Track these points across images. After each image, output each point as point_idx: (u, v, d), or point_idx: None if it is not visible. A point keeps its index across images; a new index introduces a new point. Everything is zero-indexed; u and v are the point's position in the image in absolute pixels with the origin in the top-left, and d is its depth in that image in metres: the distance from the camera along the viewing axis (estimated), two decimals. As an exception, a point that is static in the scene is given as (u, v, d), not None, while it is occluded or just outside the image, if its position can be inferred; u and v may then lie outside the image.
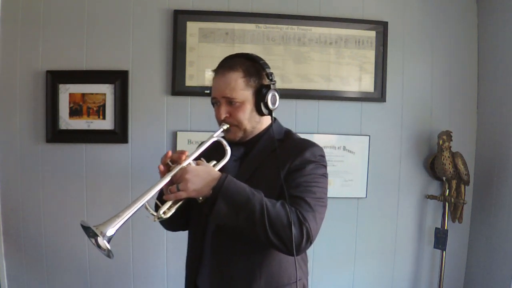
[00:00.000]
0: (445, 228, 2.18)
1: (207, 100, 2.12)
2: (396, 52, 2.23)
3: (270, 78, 1.22)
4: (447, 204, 2.19)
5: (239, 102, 1.19)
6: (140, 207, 1.03)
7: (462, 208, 2.20)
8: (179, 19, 2.10)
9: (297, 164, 1.15)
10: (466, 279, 2.32)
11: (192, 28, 2.11)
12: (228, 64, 1.21)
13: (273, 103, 1.22)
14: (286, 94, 2.16)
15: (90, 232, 0.97)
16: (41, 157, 2.09)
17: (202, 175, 1.06)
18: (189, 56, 2.11)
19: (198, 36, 2.12)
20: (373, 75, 2.21)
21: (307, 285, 1.31)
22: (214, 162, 1.17)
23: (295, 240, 1.03)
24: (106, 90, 2.09)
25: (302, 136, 1.30)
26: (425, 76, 2.27)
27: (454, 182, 2.17)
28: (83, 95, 2.09)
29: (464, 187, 2.18)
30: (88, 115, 2.10)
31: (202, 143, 1.19)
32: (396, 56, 2.23)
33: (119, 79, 2.09)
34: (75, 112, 2.09)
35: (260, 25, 2.14)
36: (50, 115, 2.07)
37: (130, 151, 2.12)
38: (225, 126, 1.20)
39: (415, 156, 2.27)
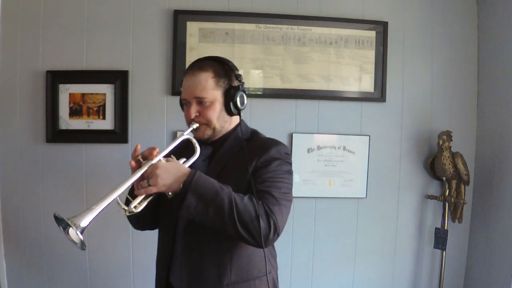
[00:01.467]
0: (445, 228, 2.18)
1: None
2: (396, 52, 2.23)
3: (239, 79, 1.27)
4: (447, 204, 2.19)
5: (209, 102, 1.24)
6: (112, 201, 1.07)
7: (462, 208, 2.20)
8: (179, 19, 2.10)
9: (263, 161, 1.20)
10: (466, 279, 2.32)
11: (192, 28, 2.11)
12: (198, 65, 1.27)
13: (242, 103, 1.26)
14: (286, 94, 2.16)
15: (63, 224, 1.03)
16: (41, 157, 2.09)
17: (172, 171, 1.10)
18: (189, 56, 2.11)
19: (198, 36, 2.12)
20: (373, 75, 2.21)
21: (277, 278, 1.36)
22: (184, 159, 1.21)
23: (263, 232, 1.08)
24: (106, 90, 2.09)
25: (302, 136, 1.31)
26: (425, 76, 2.27)
27: (454, 182, 2.17)
28: (83, 95, 2.09)
29: (464, 187, 2.18)
30: (88, 115, 2.10)
31: (173, 141, 1.24)
32: (396, 56, 2.23)
33: (119, 79, 2.09)
34: (75, 112, 2.09)
35: (260, 25, 2.14)
36: (50, 115, 2.07)
37: (130, 151, 2.11)
38: (195, 125, 1.25)
39: (415, 156, 2.27)
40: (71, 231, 1.02)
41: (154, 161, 1.12)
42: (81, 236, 1.02)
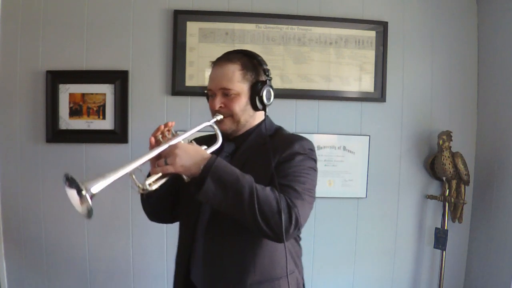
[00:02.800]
0: (445, 228, 2.18)
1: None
2: (396, 52, 2.23)
3: (267, 74, 1.24)
4: (447, 204, 2.19)
5: (235, 94, 1.21)
6: (126, 173, 1.04)
7: (462, 208, 2.20)
8: (179, 19, 2.10)
9: (286, 156, 1.16)
10: (466, 279, 2.32)
11: (192, 28, 2.11)
12: (226, 57, 1.24)
13: (268, 99, 1.24)
14: (286, 94, 2.16)
15: (73, 185, 0.98)
16: (41, 157, 2.09)
17: (192, 153, 1.07)
18: (189, 56, 2.11)
19: (198, 36, 2.12)
20: (373, 75, 2.21)
21: (302, 279, 1.31)
22: (205, 147, 1.18)
23: (284, 224, 1.03)
24: (106, 90, 2.09)
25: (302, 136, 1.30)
26: (425, 76, 2.27)
27: (454, 182, 2.17)
28: (83, 95, 2.09)
29: (464, 187, 2.18)
30: (88, 115, 2.10)
31: (194, 128, 1.21)
32: (396, 56, 2.23)
33: (119, 79, 2.09)
34: (75, 112, 2.09)
35: (260, 25, 2.14)
36: (50, 115, 2.07)
37: (130, 151, 2.12)
38: (219, 117, 1.22)
39: (415, 156, 2.27)
40: (81, 194, 0.97)
41: (174, 141, 1.10)
42: (90, 201, 0.97)
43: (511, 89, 2.05)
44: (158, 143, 1.12)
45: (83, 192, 0.97)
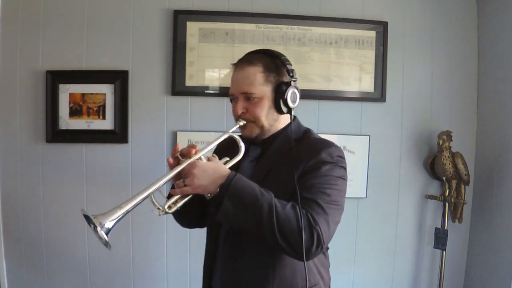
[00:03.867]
0: (445, 228, 2.18)
1: (207, 100, 2.15)
2: (396, 52, 2.23)
3: (291, 75, 1.18)
4: (447, 204, 2.19)
5: (257, 98, 1.15)
6: (144, 199, 1.02)
7: (462, 208, 2.20)
8: (179, 19, 2.10)
9: (311, 165, 1.10)
10: (466, 279, 2.32)
11: (192, 28, 2.11)
12: (247, 59, 1.18)
13: (293, 101, 1.17)
14: (286, 94, 2.16)
15: (90, 222, 0.97)
16: (41, 157, 2.09)
17: (209, 171, 1.03)
18: (189, 56, 2.11)
19: (198, 36, 2.12)
20: (373, 75, 2.21)
21: None
22: (227, 159, 1.14)
23: (305, 244, 0.98)
24: (106, 90, 2.09)
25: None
26: (425, 76, 2.27)
27: (454, 182, 2.17)
28: (83, 95, 2.09)
29: (464, 187, 2.18)
30: (88, 115, 2.10)
31: (216, 139, 1.16)
32: (396, 56, 2.23)
33: (119, 79, 2.09)
34: (75, 112, 2.09)
35: (260, 25, 2.14)
36: (50, 115, 2.07)
37: (130, 151, 2.12)
38: (242, 122, 1.17)
39: (415, 156, 2.27)
40: (98, 230, 0.97)
41: (193, 159, 1.06)
42: (105, 237, 0.96)
43: (511, 89, 2.05)
44: (177, 161, 1.09)
45: (98, 230, 0.97)
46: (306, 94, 2.18)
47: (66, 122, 2.08)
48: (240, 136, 1.19)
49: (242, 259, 1.16)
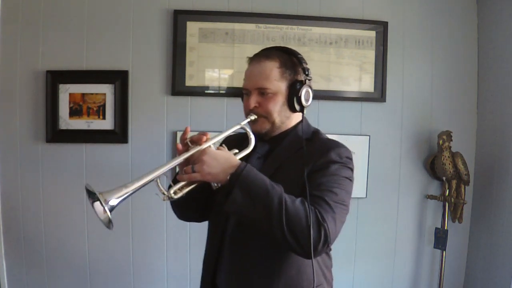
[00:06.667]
0: (445, 228, 2.18)
1: (207, 100, 2.15)
2: (396, 52, 2.23)
3: (307, 73, 1.18)
4: (447, 204, 2.19)
5: (272, 93, 1.14)
6: (150, 181, 1.00)
7: (462, 208, 2.20)
8: (179, 19, 2.10)
9: (320, 164, 1.10)
10: (466, 279, 2.32)
11: (192, 28, 2.11)
12: (265, 53, 1.18)
13: (307, 100, 1.16)
14: (286, 94, 2.16)
15: (94, 197, 0.95)
16: (41, 157, 2.09)
17: (220, 160, 1.02)
18: (189, 56, 2.11)
19: (198, 36, 2.12)
20: (373, 75, 2.21)
21: None
22: (236, 150, 1.13)
23: (312, 241, 0.97)
24: (106, 90, 2.09)
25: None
26: (425, 76, 2.27)
27: (454, 182, 2.17)
28: (83, 95, 2.09)
29: (464, 187, 2.18)
30: (88, 115, 2.10)
31: (226, 130, 1.14)
32: (396, 56, 2.23)
33: (119, 79, 2.09)
34: (75, 112, 2.09)
35: (260, 25, 2.14)
36: (50, 115, 2.07)
37: (130, 151, 2.12)
38: (253, 117, 1.15)
39: (415, 156, 2.27)
40: (97, 205, 0.95)
41: (203, 146, 1.04)
42: (109, 214, 0.94)
43: (511, 89, 2.05)
44: (186, 148, 1.07)
45: (102, 205, 0.94)
46: (306, 94, 2.18)
47: (66, 122, 2.08)
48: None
49: (249, 257, 1.15)
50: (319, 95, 2.19)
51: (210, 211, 1.26)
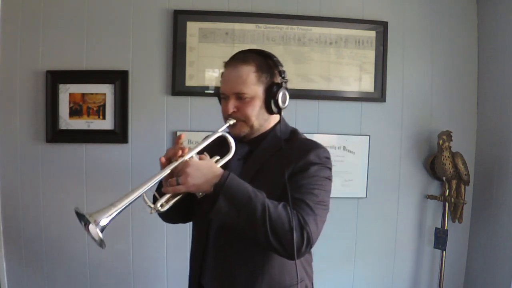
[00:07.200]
0: (445, 228, 2.18)
1: (207, 100, 2.14)
2: (396, 52, 2.23)
3: (283, 76, 1.20)
4: (447, 204, 2.19)
5: (249, 97, 1.16)
6: (137, 198, 1.02)
7: (462, 208, 2.20)
8: (179, 19, 2.10)
9: (300, 165, 1.13)
10: (466, 279, 2.32)
11: (192, 28, 2.11)
12: (241, 57, 1.19)
13: (283, 102, 1.19)
14: (286, 94, 2.16)
15: (84, 220, 0.98)
16: (41, 157, 2.09)
17: (204, 170, 1.04)
18: (189, 56, 2.11)
19: (198, 36, 2.12)
20: (373, 75, 2.21)
21: (311, 286, 1.30)
22: (217, 157, 1.15)
23: (295, 244, 1.01)
24: (106, 90, 2.09)
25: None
26: (425, 76, 2.27)
27: (454, 182, 2.17)
28: (83, 95, 2.09)
29: (464, 187, 2.18)
30: (88, 115, 2.10)
31: (206, 137, 1.15)
32: (396, 56, 2.23)
33: (119, 79, 2.09)
34: (75, 112, 2.09)
35: (260, 25, 2.14)
36: (50, 115, 2.07)
37: (130, 151, 2.12)
38: (232, 121, 1.17)
39: (415, 156, 2.27)
40: (91, 227, 0.97)
41: (186, 157, 1.06)
42: (100, 235, 0.97)
43: (511, 89, 2.05)
44: (169, 161, 1.09)
45: (92, 226, 0.98)
46: (306, 94, 2.19)
47: (66, 122, 2.08)
48: (228, 133, 1.19)
49: (232, 256, 1.18)
50: (319, 95, 2.19)
51: (194, 213, 1.29)
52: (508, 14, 2.08)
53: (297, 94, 2.17)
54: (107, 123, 2.10)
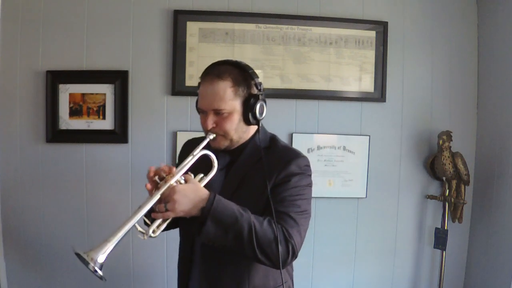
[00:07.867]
0: (445, 228, 2.18)
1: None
2: (396, 52, 2.23)
3: (259, 88, 1.21)
4: (447, 204, 2.19)
5: (227, 113, 1.17)
6: (130, 228, 1.07)
7: (462, 208, 2.20)
8: (179, 19, 2.10)
9: (282, 177, 1.17)
10: (466, 279, 2.32)
11: (192, 28, 2.11)
12: (216, 72, 1.17)
13: (261, 113, 1.21)
14: (286, 94, 2.16)
15: (81, 259, 1.01)
16: (41, 157, 2.09)
17: (190, 196, 1.06)
18: (189, 56, 2.11)
19: (198, 36, 2.12)
20: (373, 75, 2.21)
21: (292, 286, 1.35)
22: (202, 175, 1.17)
23: (281, 257, 1.07)
24: (106, 90, 2.09)
25: (302, 136, 1.30)
26: (425, 76, 2.27)
27: (454, 182, 2.17)
28: (83, 95, 2.09)
29: (464, 187, 2.18)
30: (88, 115, 2.10)
31: (190, 157, 1.16)
32: (396, 56, 2.23)
33: (119, 79, 2.09)
34: (75, 112, 2.09)
35: (260, 25, 2.14)
36: (50, 115, 2.07)
37: (130, 151, 2.12)
38: (212, 136, 1.20)
39: (415, 156, 2.27)
40: (90, 267, 1.01)
41: (172, 181, 1.08)
42: (100, 272, 1.01)
43: (511, 89, 2.05)
44: (155, 184, 1.10)
45: (91, 266, 1.03)
46: (306, 94, 2.19)
47: (66, 122, 2.08)
48: (208, 144, 1.21)
49: (219, 262, 1.22)
50: (319, 95, 2.19)
51: (181, 222, 1.30)
52: (508, 14, 2.08)
53: (297, 94, 2.17)
54: (107, 123, 2.10)
